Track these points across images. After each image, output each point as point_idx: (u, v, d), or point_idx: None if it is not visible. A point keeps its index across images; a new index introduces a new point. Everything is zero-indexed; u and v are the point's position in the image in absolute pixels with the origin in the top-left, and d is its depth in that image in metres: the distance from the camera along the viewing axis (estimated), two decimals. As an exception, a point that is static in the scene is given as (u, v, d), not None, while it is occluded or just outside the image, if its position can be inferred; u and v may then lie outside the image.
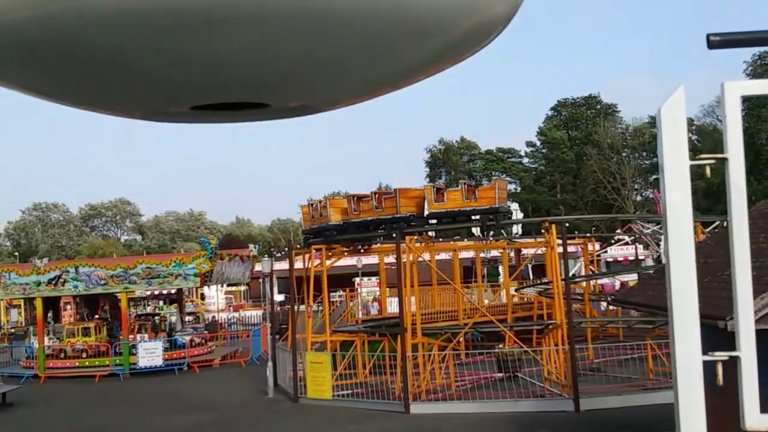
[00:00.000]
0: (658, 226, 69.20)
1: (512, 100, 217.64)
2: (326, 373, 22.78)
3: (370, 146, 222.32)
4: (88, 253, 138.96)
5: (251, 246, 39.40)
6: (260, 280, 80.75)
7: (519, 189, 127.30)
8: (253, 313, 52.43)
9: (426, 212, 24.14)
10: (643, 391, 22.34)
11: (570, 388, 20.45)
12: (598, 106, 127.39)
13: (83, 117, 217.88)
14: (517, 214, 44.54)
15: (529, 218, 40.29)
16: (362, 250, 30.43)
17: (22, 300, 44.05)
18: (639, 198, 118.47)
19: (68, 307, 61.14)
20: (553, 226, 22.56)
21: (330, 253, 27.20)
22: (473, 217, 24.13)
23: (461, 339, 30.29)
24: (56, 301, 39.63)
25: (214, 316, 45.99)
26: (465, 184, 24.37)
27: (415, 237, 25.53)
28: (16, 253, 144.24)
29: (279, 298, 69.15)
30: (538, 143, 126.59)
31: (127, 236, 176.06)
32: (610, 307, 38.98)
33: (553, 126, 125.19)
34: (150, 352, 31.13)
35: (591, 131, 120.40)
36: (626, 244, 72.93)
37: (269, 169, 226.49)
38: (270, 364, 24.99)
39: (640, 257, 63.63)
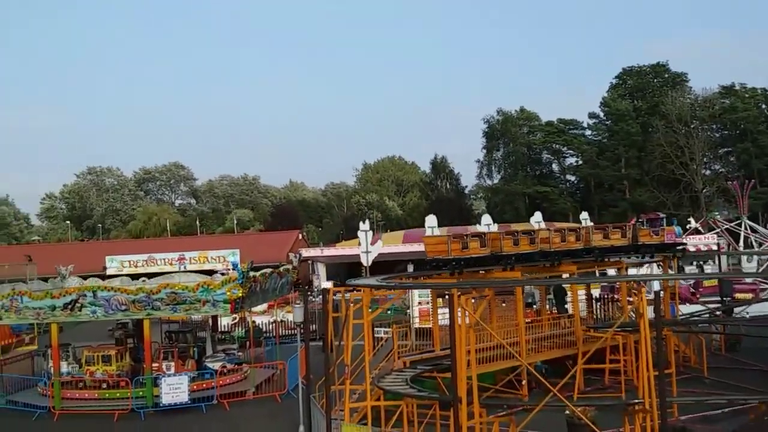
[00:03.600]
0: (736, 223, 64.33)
1: (576, 67, 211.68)
2: (366, 451, 19.33)
3: (426, 112, 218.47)
4: (143, 219, 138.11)
5: (292, 256, 35.93)
6: (309, 263, 78.28)
7: (581, 162, 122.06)
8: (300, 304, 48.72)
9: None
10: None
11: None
12: (666, 75, 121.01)
13: (138, 79, 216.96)
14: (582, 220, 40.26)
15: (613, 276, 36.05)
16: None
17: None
18: (708, 173, 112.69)
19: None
20: (643, 289, 18.64)
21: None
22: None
23: (524, 382, 26.81)
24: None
25: (254, 321, 42.74)
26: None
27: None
28: (68, 222, 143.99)
29: (327, 285, 66.05)
30: (601, 114, 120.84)
31: (181, 200, 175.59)
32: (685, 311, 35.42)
33: (618, 96, 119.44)
34: (175, 388, 27.98)
35: (658, 101, 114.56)
36: (698, 232, 68.16)
37: (324, 131, 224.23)
38: (301, 428, 21.57)
39: (713, 247, 59.28)
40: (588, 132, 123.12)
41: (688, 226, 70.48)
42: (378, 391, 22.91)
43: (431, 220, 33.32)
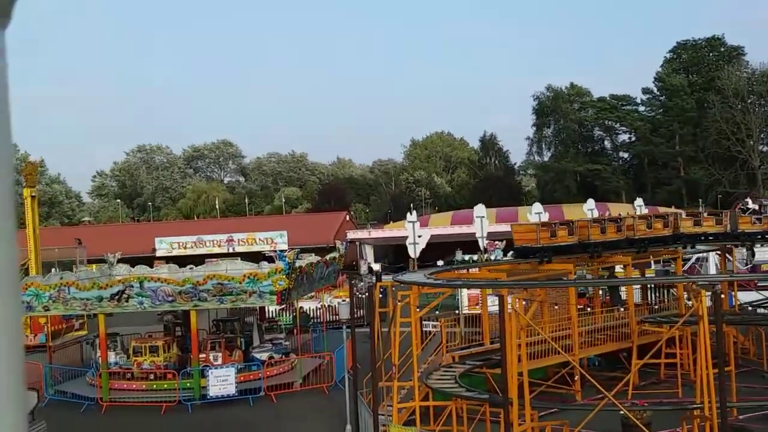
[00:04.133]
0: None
1: (628, 41, 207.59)
2: (414, 454, 18.87)
3: (475, 86, 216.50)
4: (193, 197, 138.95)
5: (338, 243, 35.50)
6: (356, 245, 77.89)
7: (634, 139, 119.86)
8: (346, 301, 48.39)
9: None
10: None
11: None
12: (722, 49, 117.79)
13: (186, 58, 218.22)
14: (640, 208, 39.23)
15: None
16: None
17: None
18: (765, 149, 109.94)
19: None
20: (702, 291, 17.81)
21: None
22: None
23: (576, 377, 26.14)
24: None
25: (302, 307, 42.47)
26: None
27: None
28: (119, 200, 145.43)
29: (375, 267, 65.73)
30: (655, 90, 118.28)
31: (229, 178, 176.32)
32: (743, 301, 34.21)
33: (672, 71, 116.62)
34: (222, 380, 27.77)
35: (713, 76, 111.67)
36: (755, 212, 66.29)
37: (371, 107, 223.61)
38: (348, 428, 21.17)
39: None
40: (641, 108, 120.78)
41: (745, 206, 68.65)
42: (426, 387, 22.46)
43: (480, 209, 32.59)
